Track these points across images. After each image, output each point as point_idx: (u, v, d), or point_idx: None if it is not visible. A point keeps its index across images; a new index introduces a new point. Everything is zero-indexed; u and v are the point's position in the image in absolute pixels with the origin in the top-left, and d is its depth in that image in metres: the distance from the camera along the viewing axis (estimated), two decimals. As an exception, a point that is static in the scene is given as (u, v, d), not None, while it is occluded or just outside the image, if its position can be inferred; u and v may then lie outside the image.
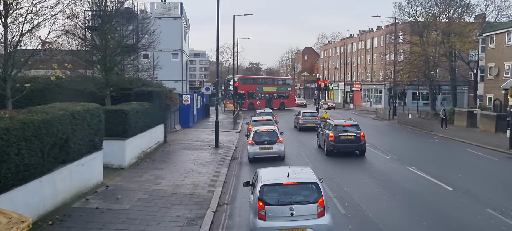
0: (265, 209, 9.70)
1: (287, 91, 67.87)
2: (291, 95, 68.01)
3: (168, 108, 25.88)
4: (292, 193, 9.99)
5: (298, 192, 10.03)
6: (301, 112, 36.45)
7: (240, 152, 25.02)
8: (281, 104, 65.51)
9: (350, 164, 21.17)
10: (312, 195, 9.95)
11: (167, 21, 42.02)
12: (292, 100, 68.13)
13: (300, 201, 9.85)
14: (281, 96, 66.37)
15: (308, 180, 10.36)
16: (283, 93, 67.11)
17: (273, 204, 9.79)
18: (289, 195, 9.97)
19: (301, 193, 10.06)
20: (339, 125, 23.68)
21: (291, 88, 69.28)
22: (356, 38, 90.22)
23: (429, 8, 48.78)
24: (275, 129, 21.94)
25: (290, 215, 9.61)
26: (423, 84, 53.99)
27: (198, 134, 32.05)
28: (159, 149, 23.74)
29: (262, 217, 9.72)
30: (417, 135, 34.46)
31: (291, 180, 10.12)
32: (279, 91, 66.93)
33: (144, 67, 26.33)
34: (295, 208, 9.66)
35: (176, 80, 42.42)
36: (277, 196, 9.99)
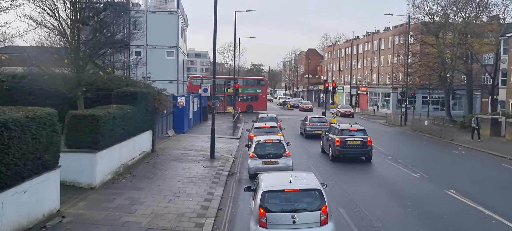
0: (266, 217, 9.52)
1: (257, 93, 60.69)
2: (261, 97, 60.52)
3: (156, 112, 22.33)
4: (295, 200, 9.83)
5: (300, 199, 9.86)
6: (308, 117, 32.83)
7: (239, 165, 21.44)
8: (248, 107, 58.33)
9: (363, 177, 17.60)
10: (315, 202, 9.77)
11: (162, 16, 38.53)
12: (262, 102, 60.39)
13: (303, 209, 9.70)
14: (248, 98, 60.37)
15: (311, 186, 10.17)
16: (251, 95, 60.16)
17: (274, 211, 9.62)
18: (291, 202, 9.82)
19: (304, 200, 9.88)
20: (345, 129, 22.59)
21: (262, 89, 61.65)
22: (362, 40, 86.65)
23: (445, 6, 45.15)
24: (282, 140, 18.34)
25: (292, 222, 9.45)
26: (438, 88, 50.37)
27: (193, 140, 28.48)
28: (144, 160, 20.17)
29: (263, 224, 9.52)
30: (438, 145, 30.82)
31: (294, 186, 9.94)
32: (245, 93, 59.01)
33: (127, 64, 22.56)
34: (298, 215, 9.51)
35: (170, 80, 38.91)
36: (279, 203, 9.82)
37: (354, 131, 22.75)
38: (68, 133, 14.67)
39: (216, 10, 21.78)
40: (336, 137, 22.25)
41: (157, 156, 21.75)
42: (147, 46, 38.28)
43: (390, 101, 68.89)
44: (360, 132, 22.66)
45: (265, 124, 24.87)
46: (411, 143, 32.02)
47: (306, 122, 32.65)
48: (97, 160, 14.71)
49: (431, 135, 36.23)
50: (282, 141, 18.21)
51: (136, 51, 38.45)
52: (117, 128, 16.61)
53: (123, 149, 17.72)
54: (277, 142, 18.12)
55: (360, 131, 22.84)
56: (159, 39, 38.16)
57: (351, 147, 21.97)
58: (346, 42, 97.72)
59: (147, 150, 21.81)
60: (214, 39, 22.03)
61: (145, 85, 21.92)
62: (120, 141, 17.21)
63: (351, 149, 21.96)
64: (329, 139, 23.23)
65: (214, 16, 21.85)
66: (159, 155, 22.07)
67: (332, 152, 22.44)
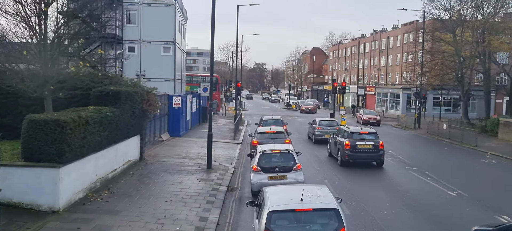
0: None
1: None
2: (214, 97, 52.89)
3: (145, 114, 19.35)
4: (307, 221, 8.48)
5: (314, 220, 8.50)
6: (317, 120, 29.74)
7: (240, 177, 18.44)
8: None
9: (390, 195, 14.57)
10: (331, 225, 8.43)
11: (158, 9, 35.54)
12: None
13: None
14: None
15: (327, 205, 8.78)
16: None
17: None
18: (302, 223, 8.47)
19: (318, 221, 8.52)
20: (355, 132, 21.27)
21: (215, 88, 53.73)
22: (369, 38, 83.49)
23: (464, 1, 41.98)
24: (291, 150, 15.30)
25: None
26: (454, 88, 47.27)
27: (189, 146, 25.51)
28: (129, 171, 17.19)
29: None
30: (462, 152, 27.73)
31: (306, 205, 8.55)
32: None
33: (108, 58, 19.64)
34: None
35: (167, 79, 35.92)
36: (288, 224, 8.55)
37: (365, 134, 21.47)
38: (26, 142, 11.78)
39: (214, 5, 18.80)
40: (346, 140, 20.74)
41: (146, 165, 18.78)
42: (141, 42, 35.36)
43: (400, 102, 65.77)
44: (371, 135, 21.34)
45: (270, 128, 21.82)
46: (431, 149, 28.89)
47: (315, 125, 29.61)
48: (61, 176, 11.74)
49: (450, 139, 33.12)
50: (292, 151, 15.18)
51: (130, 46, 35.54)
52: (92, 134, 13.65)
53: (101, 160, 14.74)
54: (285, 152, 15.10)
55: (372, 134, 21.58)
56: (154, 34, 35.20)
57: (362, 151, 20.53)
58: (352, 40, 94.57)
59: (134, 158, 18.83)
60: (212, 35, 19.05)
61: (132, 84, 18.94)
62: (97, 150, 14.26)
63: (362, 153, 20.53)
64: (338, 142, 21.63)
65: (212, 11, 18.85)
66: (148, 164, 19.10)
67: (341, 156, 20.97)
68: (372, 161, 21.10)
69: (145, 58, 35.21)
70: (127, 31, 35.20)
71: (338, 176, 18.68)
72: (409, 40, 66.79)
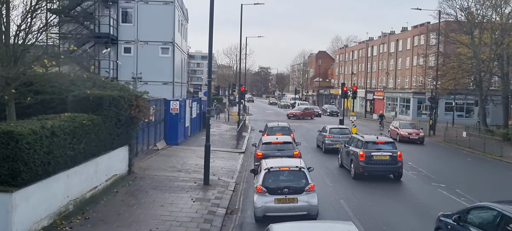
0: None
1: None
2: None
3: (134, 122, 16.95)
4: None
5: None
6: (327, 128, 27.19)
7: (242, 195, 15.96)
8: None
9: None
10: None
11: (156, 7, 33.16)
12: None
13: None
14: None
15: None
16: None
17: None
18: None
19: None
20: (370, 142, 19.10)
21: None
22: (378, 41, 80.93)
23: (483, 2, 39.37)
24: (302, 166, 12.79)
25: None
26: (470, 93, 44.61)
27: (187, 156, 23.10)
28: (113, 189, 14.78)
29: None
30: (488, 164, 25.10)
31: None
32: None
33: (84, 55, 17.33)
34: None
35: (165, 82, 33.52)
36: None
37: (382, 143, 19.27)
38: (-29, 160, 9.36)
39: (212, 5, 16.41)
40: (360, 150, 18.70)
41: (134, 180, 16.37)
42: (138, 42, 33.00)
43: (410, 107, 63.08)
44: (388, 145, 19.22)
45: (277, 137, 19.31)
46: (453, 160, 26.18)
47: (324, 133, 27.09)
48: (15, 203, 9.34)
49: (471, 148, 30.52)
50: (303, 168, 12.69)
51: (126, 47, 33.21)
52: (61, 148, 11.26)
53: (75, 178, 12.35)
54: (295, 169, 12.61)
55: (389, 143, 19.44)
56: (152, 34, 32.83)
57: (378, 162, 18.47)
58: (359, 43, 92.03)
59: (120, 172, 16.43)
60: (210, 35, 16.63)
61: (119, 87, 16.53)
62: (69, 166, 11.88)
63: (378, 165, 18.47)
64: (351, 152, 19.58)
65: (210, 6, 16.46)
66: (137, 179, 16.68)
67: (354, 168, 18.92)
68: (389, 174, 19.10)
69: (141, 59, 32.87)
70: (123, 31, 32.91)
71: (355, 194, 16.17)
72: (420, 42, 64.28)
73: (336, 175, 19.76)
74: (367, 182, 17.89)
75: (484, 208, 9.10)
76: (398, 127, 35.15)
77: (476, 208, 9.42)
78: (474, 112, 61.12)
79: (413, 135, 33.29)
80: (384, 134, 29.97)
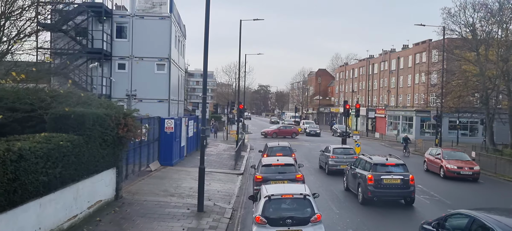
0: None
1: None
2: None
3: (122, 142, 15.52)
4: None
5: None
6: (330, 148, 25.75)
7: (240, 224, 14.44)
8: None
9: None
10: None
11: (151, 22, 31.97)
12: None
13: None
14: None
15: None
16: None
17: None
18: None
19: None
20: (379, 164, 17.72)
21: None
22: (378, 59, 79.95)
23: (488, 16, 38.30)
24: (307, 193, 11.31)
25: None
26: (476, 111, 43.32)
27: (181, 177, 21.63)
28: (95, 217, 13.29)
29: None
30: (503, 187, 23.69)
31: None
32: None
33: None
34: None
35: (161, 99, 32.15)
36: None
37: (392, 166, 17.79)
38: None
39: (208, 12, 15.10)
40: (368, 173, 17.39)
41: (121, 207, 14.87)
42: (132, 58, 31.72)
43: (413, 125, 61.67)
44: (399, 167, 17.78)
45: (278, 159, 17.82)
46: (465, 182, 24.57)
47: (327, 153, 25.65)
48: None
49: (481, 169, 28.94)
50: (309, 196, 11.23)
51: (120, 63, 31.91)
52: (31, 174, 9.82)
53: (50, 207, 10.89)
54: (300, 197, 11.15)
55: (399, 166, 17.90)
56: (147, 50, 31.57)
57: (388, 187, 17.07)
58: (360, 61, 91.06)
59: (106, 198, 14.95)
60: (206, 47, 15.31)
61: (105, 105, 15.14)
62: (42, 194, 10.43)
63: (388, 190, 17.04)
64: (358, 175, 18.27)
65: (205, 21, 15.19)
66: (124, 205, 15.19)
67: (362, 193, 17.52)
68: (400, 199, 17.66)
69: (136, 76, 31.56)
70: (117, 46, 31.66)
71: (365, 223, 14.66)
72: (421, 60, 63.23)
73: (342, 200, 18.25)
74: (377, 208, 16.42)
75: (459, 215, 9.73)
76: (443, 157, 26.16)
77: (452, 215, 10.03)
78: (478, 131, 59.77)
79: (465, 169, 24.82)
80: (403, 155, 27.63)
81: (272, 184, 13.14)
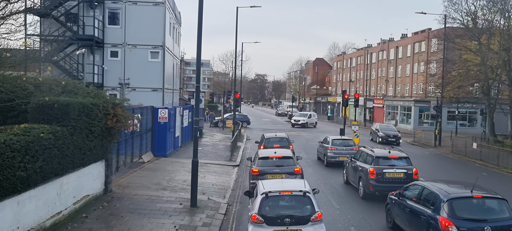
0: None
1: None
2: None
3: (111, 133, 14.68)
4: None
5: None
6: (329, 139, 24.99)
7: (235, 221, 13.68)
8: None
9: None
10: None
11: (145, 8, 30.96)
12: None
13: None
14: None
15: None
16: None
17: None
18: None
19: None
20: (382, 157, 17.02)
21: None
22: (377, 48, 79.06)
23: (490, 4, 37.46)
24: (307, 190, 10.53)
25: None
26: (477, 101, 42.70)
27: (175, 169, 20.85)
28: (81, 214, 12.51)
29: None
30: (507, 179, 23.00)
31: None
32: None
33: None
34: None
35: (154, 88, 31.27)
36: None
37: (395, 159, 17.10)
38: None
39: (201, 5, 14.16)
40: (370, 166, 16.71)
41: (110, 202, 14.09)
42: (125, 45, 30.76)
43: (412, 115, 61.06)
44: (402, 161, 17.10)
45: (275, 152, 16.98)
46: (469, 176, 23.32)
47: (326, 144, 24.90)
48: None
49: (482, 161, 28.44)
50: (309, 193, 10.45)
51: (112, 51, 30.95)
52: (6, 169, 9.01)
53: (30, 204, 10.10)
54: (299, 194, 10.37)
55: (403, 159, 17.21)
56: (141, 37, 30.59)
57: (391, 181, 16.27)
58: (358, 50, 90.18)
59: (94, 192, 14.16)
60: (199, 33, 14.39)
61: (93, 94, 14.28)
62: (20, 190, 9.63)
63: (391, 184, 16.00)
64: (359, 168, 17.58)
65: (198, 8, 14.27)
66: (114, 199, 14.41)
67: (364, 187, 16.85)
68: None
69: (129, 64, 30.61)
70: (109, 33, 30.65)
71: (367, 219, 13.94)
72: (420, 49, 62.40)
73: (343, 194, 17.51)
74: (378, 203, 15.67)
75: (415, 185, 12.25)
76: None
77: (409, 186, 12.48)
78: (477, 121, 59.22)
79: None
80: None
81: (269, 179, 12.42)
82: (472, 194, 10.36)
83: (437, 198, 10.46)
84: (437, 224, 9.95)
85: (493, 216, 10.16)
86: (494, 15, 38.32)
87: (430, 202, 10.72)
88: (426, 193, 11.15)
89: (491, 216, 10.13)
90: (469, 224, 9.79)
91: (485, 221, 9.90)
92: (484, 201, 10.53)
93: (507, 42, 35.96)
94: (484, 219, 9.99)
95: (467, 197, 10.37)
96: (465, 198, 10.38)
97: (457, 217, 9.86)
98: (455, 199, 10.25)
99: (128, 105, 16.47)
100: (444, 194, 10.43)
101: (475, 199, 10.36)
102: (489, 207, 10.49)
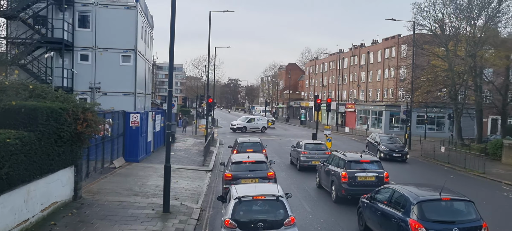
0: None
1: None
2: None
3: (81, 138, 14.36)
4: None
5: None
6: (302, 143, 25.15)
7: (208, 225, 13.58)
8: None
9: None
10: None
11: (116, 11, 30.50)
12: None
13: None
14: None
15: None
16: None
17: None
18: None
19: None
20: (353, 161, 17.24)
21: None
22: (348, 53, 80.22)
23: (457, 12, 38.59)
24: (281, 195, 10.57)
25: None
26: (445, 106, 43.85)
27: (147, 175, 20.57)
28: (50, 221, 12.19)
29: None
30: (473, 182, 23.67)
31: None
32: None
33: None
34: None
35: (126, 93, 30.80)
36: None
37: (366, 162, 17.41)
38: None
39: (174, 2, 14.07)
40: (342, 170, 16.86)
41: (79, 208, 13.77)
42: (96, 49, 30.21)
43: (382, 120, 62.12)
44: (373, 164, 17.40)
45: (248, 156, 16.94)
46: (436, 178, 23.99)
47: (299, 148, 25.05)
48: None
49: (450, 164, 29.17)
50: (282, 197, 10.49)
51: (82, 54, 30.34)
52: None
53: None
54: (272, 198, 10.40)
55: (374, 162, 17.54)
56: (112, 40, 30.08)
57: (363, 184, 16.53)
58: (330, 56, 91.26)
59: (63, 199, 13.82)
60: (172, 37, 14.27)
61: (62, 98, 13.96)
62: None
63: (363, 188, 16.24)
64: (331, 172, 17.69)
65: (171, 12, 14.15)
66: (84, 206, 14.10)
67: (336, 191, 16.97)
68: None
69: (100, 68, 30.05)
70: (79, 37, 30.02)
71: (340, 223, 14.10)
72: (391, 55, 63.69)
73: (315, 198, 17.64)
74: (351, 206, 15.84)
75: (386, 188, 12.53)
76: None
77: (381, 189, 12.73)
78: (445, 125, 60.80)
79: None
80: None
81: (242, 184, 12.39)
82: (441, 197, 10.65)
83: (407, 201, 10.74)
84: (407, 226, 10.21)
85: (461, 217, 10.47)
86: (461, 23, 39.48)
87: (400, 204, 10.99)
88: (396, 196, 11.44)
89: (459, 218, 10.44)
90: (438, 225, 10.06)
91: (453, 222, 10.19)
92: (452, 203, 10.84)
93: (473, 49, 37.10)
94: (452, 220, 10.29)
95: (436, 200, 10.66)
96: (434, 200, 10.67)
97: (426, 219, 10.14)
98: (425, 201, 10.55)
99: (99, 110, 16.14)
100: (414, 197, 10.72)
101: (443, 202, 10.67)
102: (457, 209, 10.79)
